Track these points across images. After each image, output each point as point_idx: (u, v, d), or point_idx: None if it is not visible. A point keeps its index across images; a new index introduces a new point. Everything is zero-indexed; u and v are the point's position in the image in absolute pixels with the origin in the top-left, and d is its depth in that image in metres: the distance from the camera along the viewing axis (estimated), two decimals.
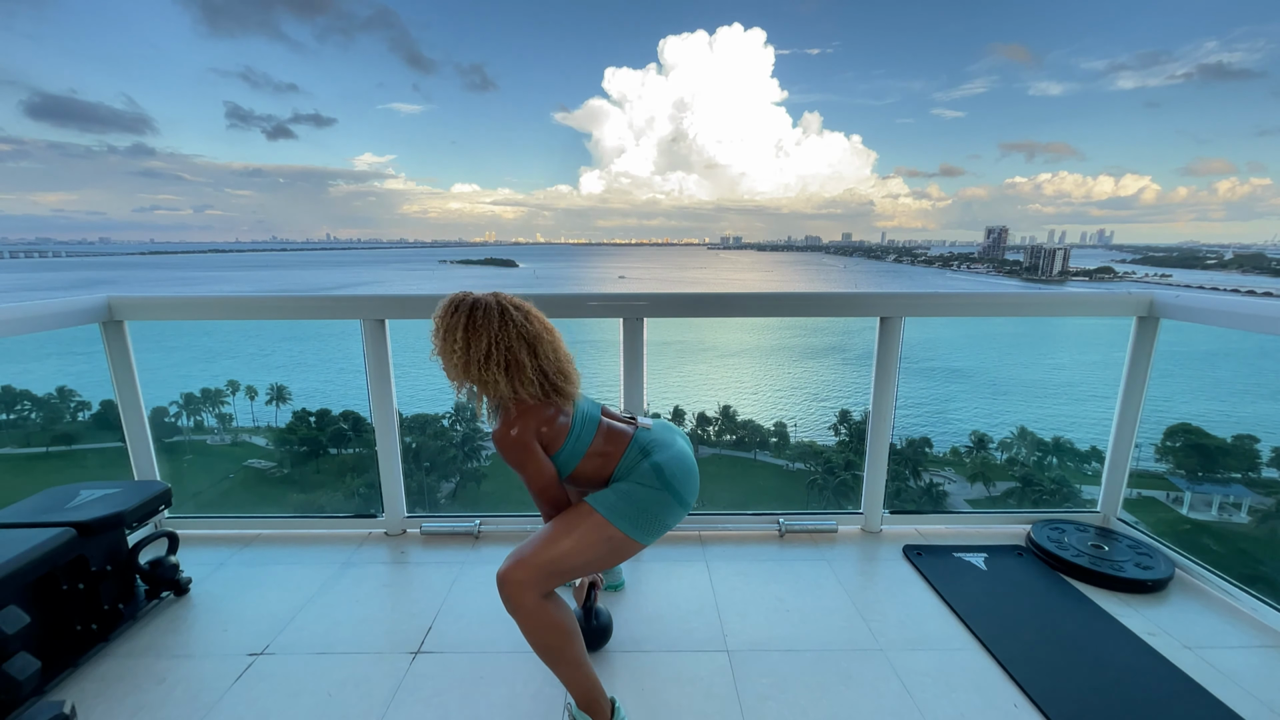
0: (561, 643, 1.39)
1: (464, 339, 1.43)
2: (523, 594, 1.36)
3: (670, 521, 1.51)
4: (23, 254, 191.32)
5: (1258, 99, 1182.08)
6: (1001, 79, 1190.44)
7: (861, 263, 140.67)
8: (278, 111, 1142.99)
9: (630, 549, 1.47)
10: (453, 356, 1.45)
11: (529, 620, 1.37)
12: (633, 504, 1.45)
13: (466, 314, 1.44)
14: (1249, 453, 5.69)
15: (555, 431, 1.49)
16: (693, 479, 1.56)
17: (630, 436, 1.58)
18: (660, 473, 1.49)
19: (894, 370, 2.43)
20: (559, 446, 1.50)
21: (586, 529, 1.42)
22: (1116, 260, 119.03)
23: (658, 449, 1.55)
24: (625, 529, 1.43)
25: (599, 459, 1.54)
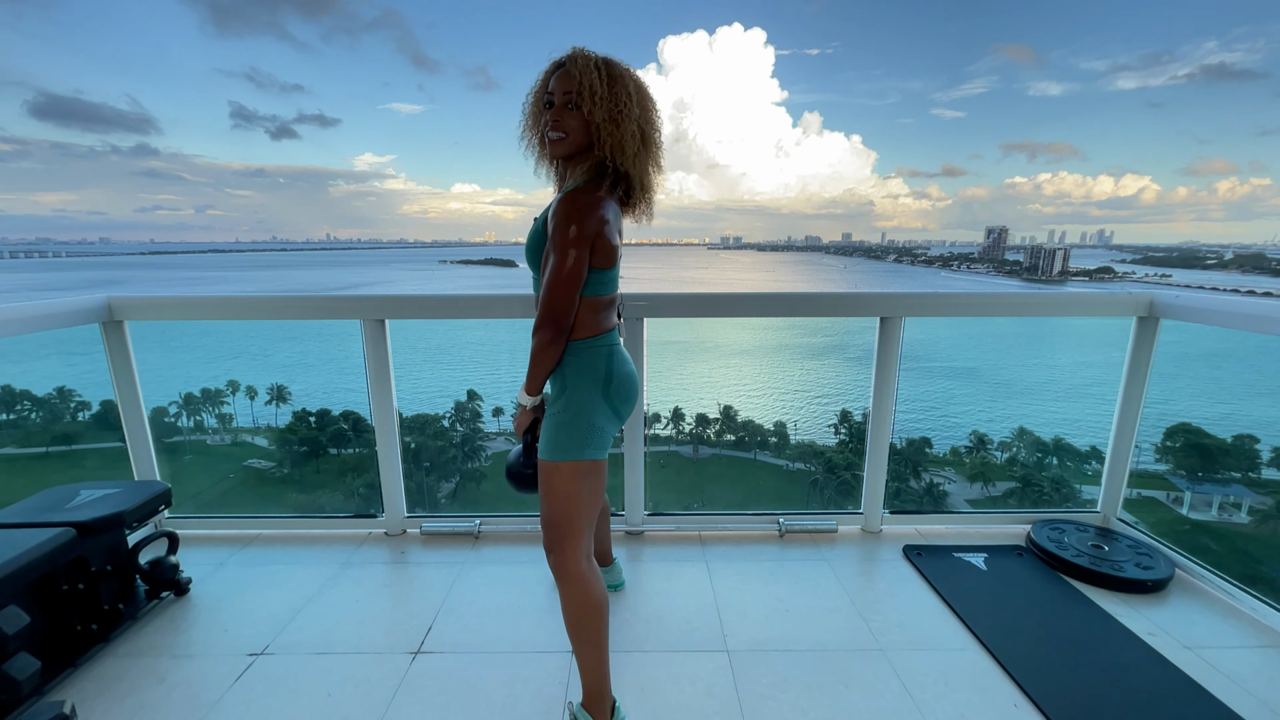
0: (593, 621, 1.42)
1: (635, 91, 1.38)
2: (566, 556, 1.41)
3: (611, 430, 1.49)
4: (23, 254, 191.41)
5: (1260, 99, 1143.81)
6: (1001, 79, 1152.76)
7: (862, 263, 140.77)
8: (282, 112, 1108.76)
9: (600, 467, 1.48)
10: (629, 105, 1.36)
11: (572, 585, 1.41)
12: (574, 430, 1.42)
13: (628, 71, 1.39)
14: (1249, 453, 5.68)
15: (606, 248, 1.39)
16: (632, 398, 1.53)
17: (612, 326, 1.53)
18: (608, 383, 1.45)
19: (894, 370, 2.43)
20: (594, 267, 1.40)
21: (559, 478, 1.42)
22: (1116, 260, 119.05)
23: (619, 359, 1.50)
24: (585, 455, 1.42)
25: (589, 315, 1.43)
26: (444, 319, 2.45)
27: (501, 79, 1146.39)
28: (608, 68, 1.35)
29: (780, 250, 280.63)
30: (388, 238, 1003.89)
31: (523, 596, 2.07)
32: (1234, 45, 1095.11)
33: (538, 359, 1.39)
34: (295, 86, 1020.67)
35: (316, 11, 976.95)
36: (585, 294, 1.41)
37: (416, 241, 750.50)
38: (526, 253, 1.50)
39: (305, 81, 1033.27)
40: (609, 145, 1.37)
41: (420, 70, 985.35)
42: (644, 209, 1.52)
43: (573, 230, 1.32)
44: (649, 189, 1.48)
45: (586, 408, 1.43)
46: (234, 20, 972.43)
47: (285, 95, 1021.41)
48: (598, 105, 1.34)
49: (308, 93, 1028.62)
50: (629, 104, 1.36)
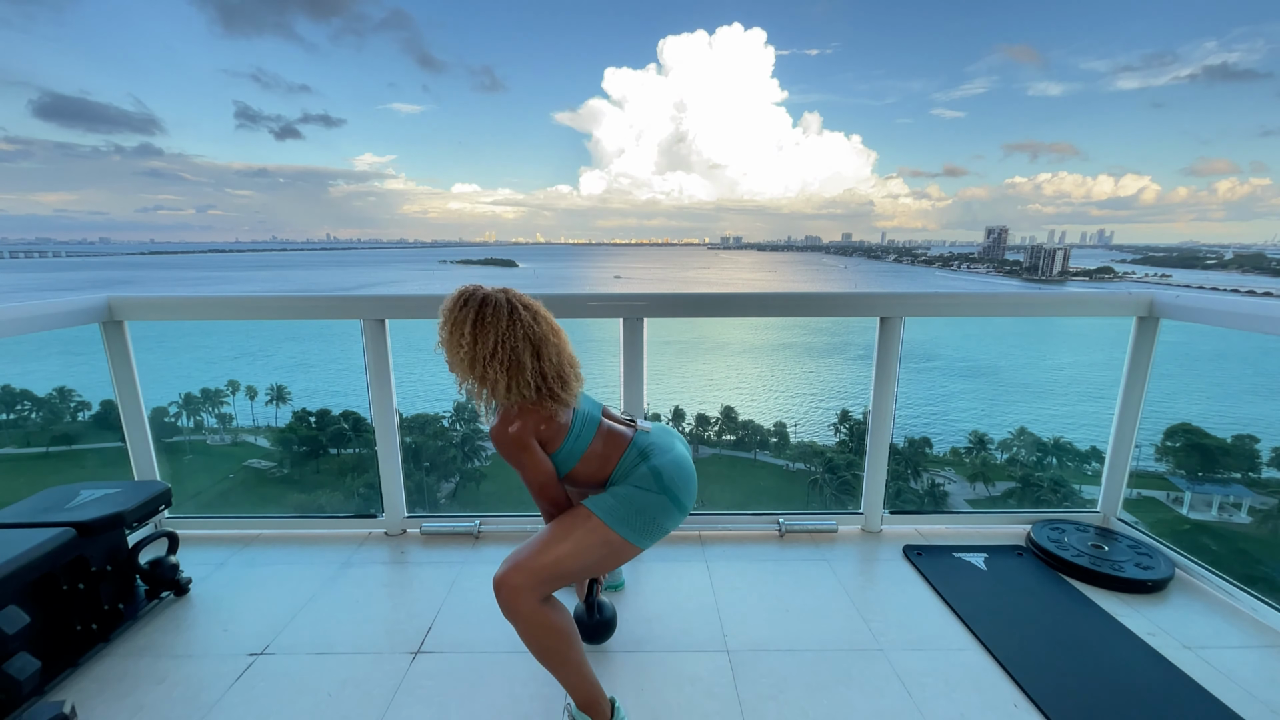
0: (560, 646, 1.39)
1: (471, 334, 1.41)
2: (519, 598, 1.35)
3: (668, 525, 1.51)
4: (22, 254, 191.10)
5: (1261, 100, 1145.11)
6: (1001, 79, 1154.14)
7: (862, 263, 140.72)
8: (287, 112, 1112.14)
9: (628, 552, 1.47)
10: (459, 351, 1.43)
11: (526, 624, 1.37)
12: (630, 507, 1.45)
13: (476, 309, 1.43)
14: (1249, 453, 5.68)
15: (554, 430, 1.48)
16: (690, 483, 1.56)
17: (629, 439, 1.58)
18: (659, 476, 1.49)
19: (894, 370, 2.43)
20: (557, 446, 1.50)
21: (584, 533, 1.42)
22: (1116, 260, 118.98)
23: (656, 452, 1.55)
24: (623, 533, 1.43)
25: (597, 460, 1.53)
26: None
27: (506, 79, 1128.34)
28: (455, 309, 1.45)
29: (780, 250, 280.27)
30: (388, 238, 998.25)
31: None
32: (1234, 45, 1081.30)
33: None
34: (302, 87, 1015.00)
35: (325, 13, 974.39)
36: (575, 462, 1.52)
37: (416, 241, 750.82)
38: None
39: (312, 82, 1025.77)
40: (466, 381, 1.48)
41: (426, 70, 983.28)
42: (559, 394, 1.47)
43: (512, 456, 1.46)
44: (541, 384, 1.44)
45: (645, 500, 1.47)
46: (242, 21, 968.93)
47: (291, 96, 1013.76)
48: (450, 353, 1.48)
49: (314, 93, 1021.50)
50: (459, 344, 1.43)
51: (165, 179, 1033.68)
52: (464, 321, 1.43)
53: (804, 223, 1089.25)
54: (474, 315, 1.42)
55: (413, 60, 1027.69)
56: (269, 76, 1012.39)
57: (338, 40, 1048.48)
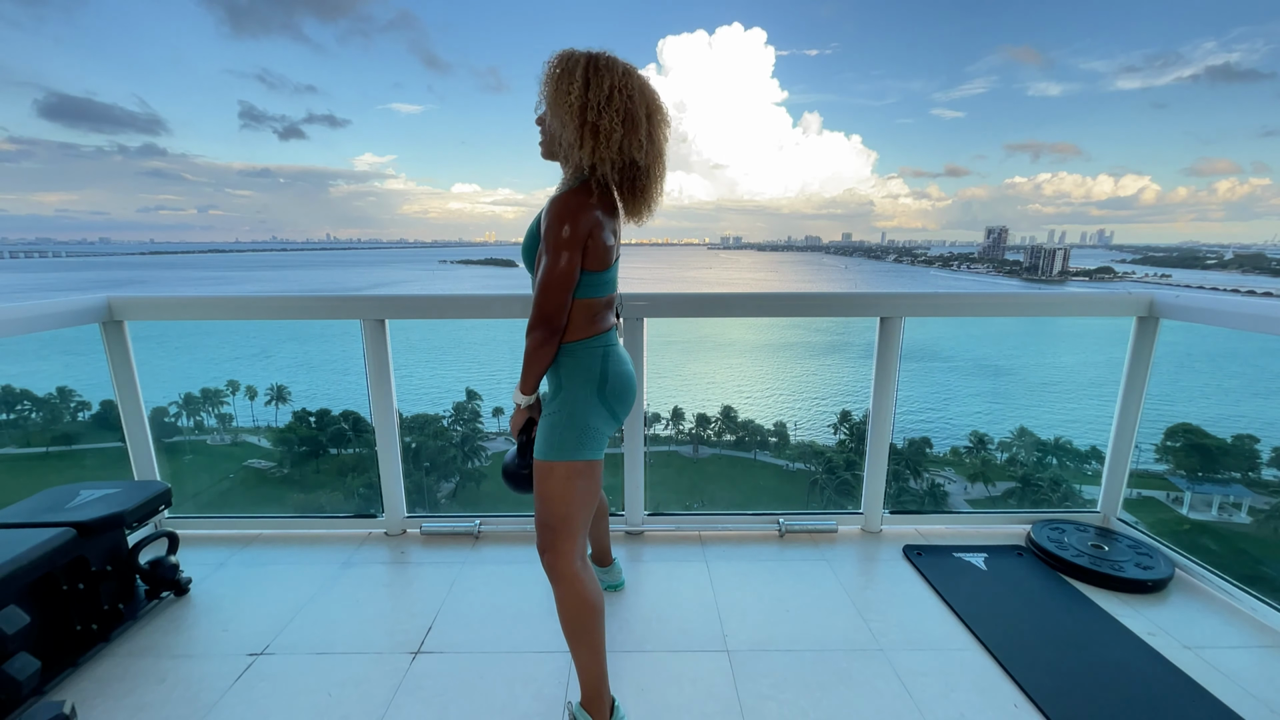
0: (589, 622, 1.42)
1: (584, 78, 1.29)
2: (560, 557, 1.41)
3: (607, 431, 1.48)
4: (23, 254, 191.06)
5: (1264, 100, 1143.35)
6: (1001, 79, 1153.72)
7: (863, 263, 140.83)
8: (291, 112, 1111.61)
9: (595, 468, 1.46)
10: (569, 96, 1.29)
11: (566, 586, 1.41)
12: (569, 430, 1.41)
13: (588, 57, 1.32)
14: (1249, 453, 5.68)
15: (600, 250, 1.37)
16: (628, 399, 1.52)
17: (609, 327, 1.52)
18: (603, 383, 1.44)
19: (894, 370, 2.43)
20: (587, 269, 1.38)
21: (554, 478, 1.41)
22: (1116, 260, 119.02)
23: (615, 359, 1.49)
24: (581, 456, 1.42)
25: (583, 317, 1.43)
26: (444, 319, 2.45)
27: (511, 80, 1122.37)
28: (560, 63, 1.32)
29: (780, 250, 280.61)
30: (388, 238, 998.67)
31: (523, 596, 2.07)
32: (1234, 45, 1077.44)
33: (531, 359, 1.40)
34: (308, 88, 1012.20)
35: (333, 14, 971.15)
36: (580, 296, 1.40)
37: (416, 241, 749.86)
38: (522, 253, 1.50)
39: (317, 82, 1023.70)
40: (563, 147, 1.36)
41: (432, 71, 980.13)
42: (642, 207, 1.46)
43: (565, 231, 1.31)
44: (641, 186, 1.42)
45: (581, 409, 1.42)
46: (250, 22, 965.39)
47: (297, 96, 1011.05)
48: (549, 107, 1.35)
49: (319, 94, 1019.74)
50: (566, 95, 1.30)
51: (167, 179, 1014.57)
52: (575, 67, 1.30)
53: (804, 223, 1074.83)
54: (586, 62, 1.31)
55: (418, 61, 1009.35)
56: (274, 77, 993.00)
57: (345, 41, 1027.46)
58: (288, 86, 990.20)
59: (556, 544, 1.42)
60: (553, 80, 1.32)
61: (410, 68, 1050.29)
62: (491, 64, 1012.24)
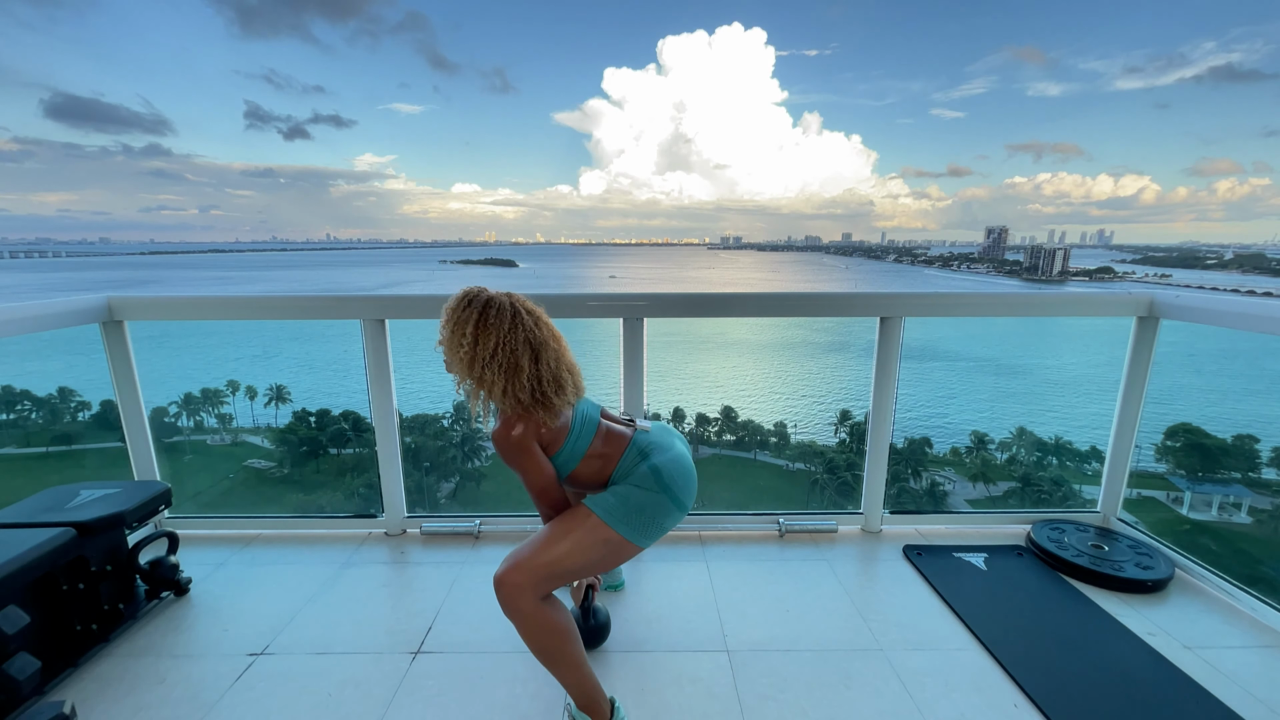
0: (560, 645, 1.39)
1: (473, 335, 1.42)
2: (520, 597, 1.35)
3: (667, 524, 1.51)
4: (22, 254, 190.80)
5: (1266, 100, 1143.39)
6: (1001, 79, 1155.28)
7: (863, 263, 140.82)
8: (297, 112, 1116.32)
9: (628, 551, 1.48)
10: (459, 350, 1.43)
11: (527, 623, 1.37)
12: (630, 506, 1.45)
13: (480, 310, 1.43)
14: (1249, 453, 5.68)
15: (554, 433, 1.49)
16: (690, 481, 1.56)
17: (629, 439, 1.58)
18: (659, 475, 1.49)
19: (894, 370, 2.43)
20: (558, 448, 1.50)
21: (584, 532, 1.42)
22: (1116, 260, 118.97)
23: (656, 451, 1.55)
24: (623, 532, 1.43)
25: (598, 461, 1.54)
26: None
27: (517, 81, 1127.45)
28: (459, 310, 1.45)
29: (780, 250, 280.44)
30: (388, 238, 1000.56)
31: None
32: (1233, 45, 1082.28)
33: None
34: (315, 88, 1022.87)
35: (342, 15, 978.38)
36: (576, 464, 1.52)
37: (416, 241, 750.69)
38: None
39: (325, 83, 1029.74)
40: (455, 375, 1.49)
41: (439, 72, 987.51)
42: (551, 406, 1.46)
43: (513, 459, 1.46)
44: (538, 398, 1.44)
45: (645, 499, 1.47)
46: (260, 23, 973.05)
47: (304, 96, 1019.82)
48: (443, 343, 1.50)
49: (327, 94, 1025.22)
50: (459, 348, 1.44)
51: (170, 179, 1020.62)
52: (466, 322, 1.43)
53: (804, 223, 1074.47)
54: (477, 316, 1.43)
55: (425, 62, 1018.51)
56: (281, 78, 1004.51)
57: (353, 42, 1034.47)
58: (295, 87, 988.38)
59: (522, 586, 1.35)
60: (449, 325, 1.46)
61: (417, 68, 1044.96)
62: (498, 64, 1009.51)
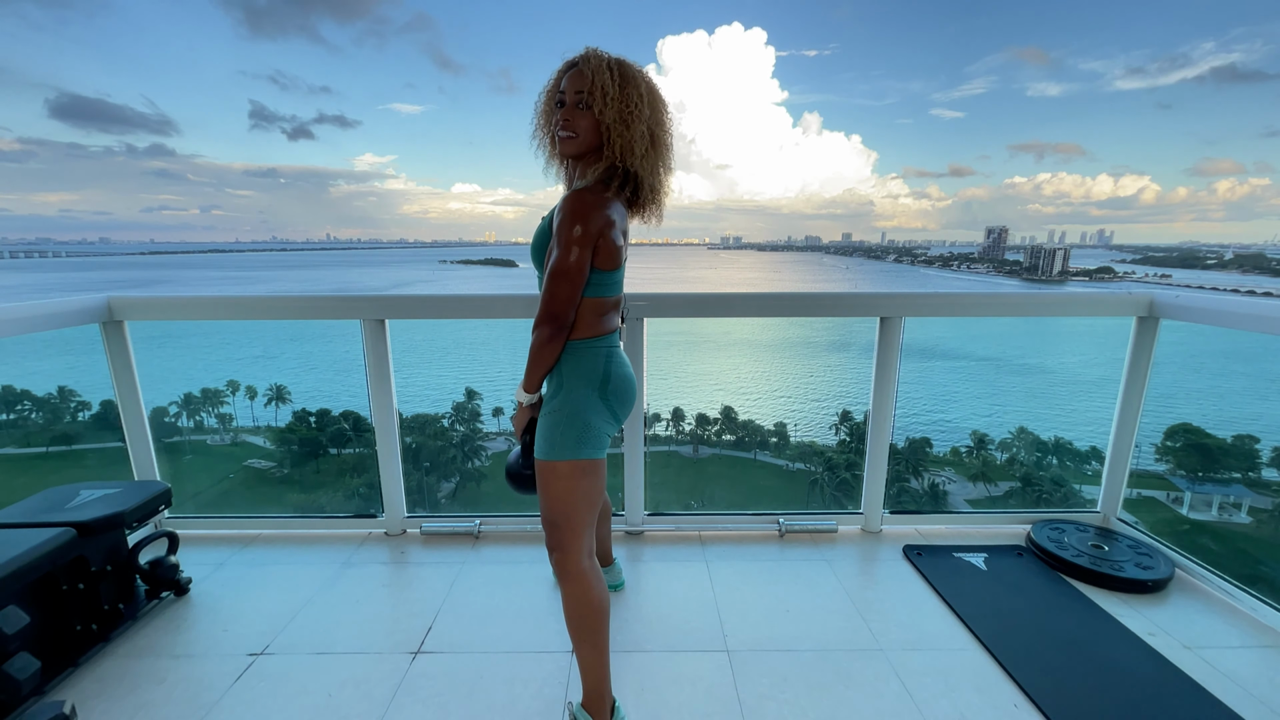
0: (594, 622, 1.42)
1: (648, 94, 1.39)
2: (569, 555, 1.41)
3: (608, 431, 1.48)
4: (22, 254, 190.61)
5: (1268, 100, 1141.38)
6: (1000, 80, 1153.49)
7: (864, 263, 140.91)
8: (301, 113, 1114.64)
9: (597, 466, 1.46)
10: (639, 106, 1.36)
11: (574, 584, 1.41)
12: (570, 428, 1.41)
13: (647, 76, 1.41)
14: (1249, 452, 5.68)
15: (610, 249, 1.38)
16: (629, 400, 1.52)
17: (613, 329, 1.52)
18: (605, 382, 1.45)
19: (894, 370, 2.43)
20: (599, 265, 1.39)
21: (556, 478, 1.41)
22: (1116, 260, 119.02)
23: (618, 361, 1.50)
24: (582, 454, 1.41)
25: (590, 316, 1.43)
26: (444, 319, 2.45)
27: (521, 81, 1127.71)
28: (620, 68, 1.36)
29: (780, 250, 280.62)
30: (388, 238, 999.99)
31: (523, 596, 2.07)
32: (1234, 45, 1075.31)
33: (536, 356, 1.39)
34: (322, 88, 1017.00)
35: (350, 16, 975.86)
36: (587, 294, 1.40)
37: (416, 241, 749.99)
38: (532, 250, 1.50)
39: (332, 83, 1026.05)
40: (618, 146, 1.37)
41: (445, 73, 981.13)
42: (653, 211, 1.52)
43: (577, 229, 1.32)
44: (658, 191, 1.49)
45: (582, 407, 1.42)
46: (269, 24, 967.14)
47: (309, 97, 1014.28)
48: (608, 105, 1.34)
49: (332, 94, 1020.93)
50: (639, 105, 1.36)
51: (171, 179, 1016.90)
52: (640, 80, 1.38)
53: (804, 223, 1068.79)
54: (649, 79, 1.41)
55: (431, 62, 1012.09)
56: (287, 78, 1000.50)
57: (360, 43, 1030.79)
58: (300, 88, 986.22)
59: (564, 542, 1.42)
60: (618, 85, 1.34)
61: (423, 69, 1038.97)
62: (504, 65, 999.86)
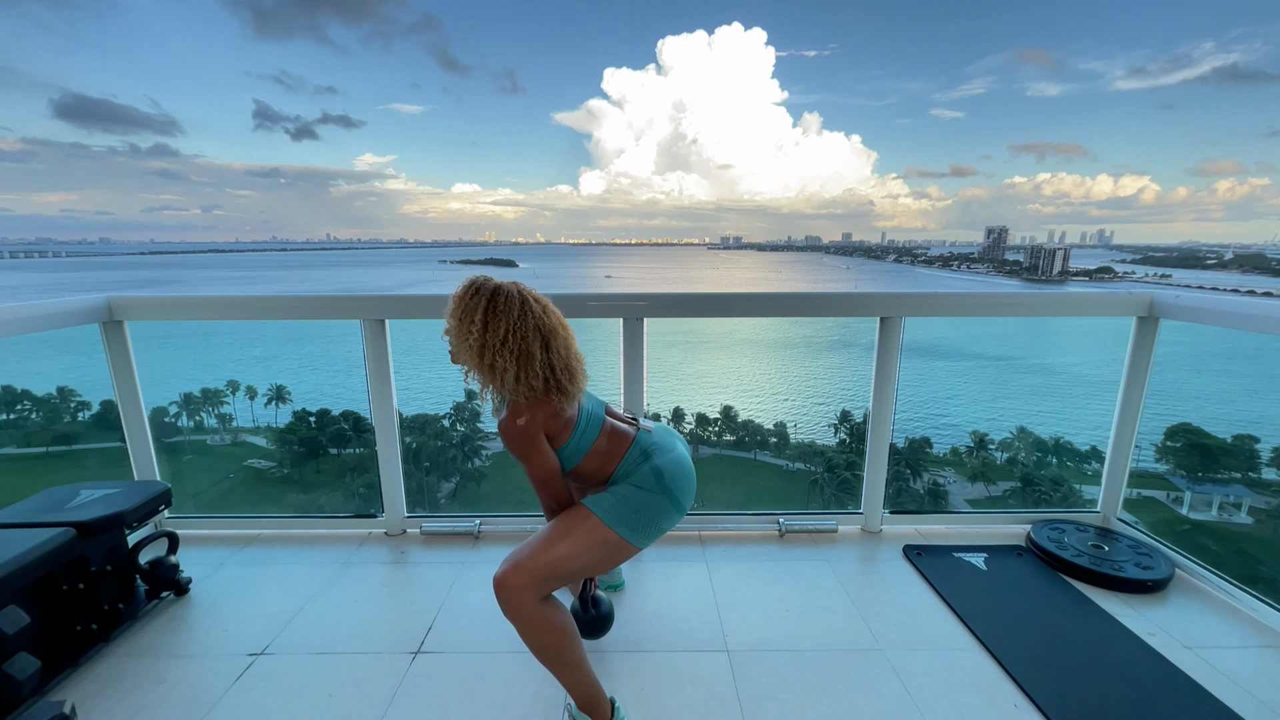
0: (560, 645, 1.39)
1: (482, 322, 1.41)
2: (520, 598, 1.35)
3: (666, 525, 1.51)
4: (22, 254, 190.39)
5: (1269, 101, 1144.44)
6: (1000, 80, 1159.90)
7: (864, 263, 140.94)
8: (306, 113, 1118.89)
9: (627, 552, 1.48)
10: (468, 339, 1.42)
11: (527, 624, 1.37)
12: (630, 507, 1.46)
13: (488, 297, 1.43)
14: (1249, 453, 5.68)
15: (560, 426, 1.48)
16: (690, 484, 1.57)
17: (632, 438, 1.58)
18: (660, 477, 1.50)
19: (894, 370, 2.43)
20: (564, 441, 1.50)
21: (583, 531, 1.42)
22: (1116, 260, 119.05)
23: (658, 452, 1.56)
24: (623, 532, 1.44)
25: (601, 458, 1.54)
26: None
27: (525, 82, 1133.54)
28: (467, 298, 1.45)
29: (780, 250, 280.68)
30: (388, 238, 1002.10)
31: None
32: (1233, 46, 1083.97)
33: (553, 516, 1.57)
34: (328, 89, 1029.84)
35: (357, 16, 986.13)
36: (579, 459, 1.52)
37: (417, 241, 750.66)
38: None
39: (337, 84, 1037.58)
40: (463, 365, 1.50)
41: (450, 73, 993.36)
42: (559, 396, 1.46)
43: (519, 450, 1.45)
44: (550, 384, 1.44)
45: (645, 501, 1.48)
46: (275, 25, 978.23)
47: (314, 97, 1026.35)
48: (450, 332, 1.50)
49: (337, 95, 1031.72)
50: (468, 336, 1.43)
51: (173, 179, 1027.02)
52: (475, 309, 1.42)
53: (804, 223, 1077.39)
54: (486, 303, 1.42)
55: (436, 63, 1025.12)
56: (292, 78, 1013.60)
57: (367, 43, 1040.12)
58: (306, 88, 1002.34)
59: (522, 586, 1.35)
60: (456, 315, 1.45)
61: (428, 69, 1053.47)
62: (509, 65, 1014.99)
